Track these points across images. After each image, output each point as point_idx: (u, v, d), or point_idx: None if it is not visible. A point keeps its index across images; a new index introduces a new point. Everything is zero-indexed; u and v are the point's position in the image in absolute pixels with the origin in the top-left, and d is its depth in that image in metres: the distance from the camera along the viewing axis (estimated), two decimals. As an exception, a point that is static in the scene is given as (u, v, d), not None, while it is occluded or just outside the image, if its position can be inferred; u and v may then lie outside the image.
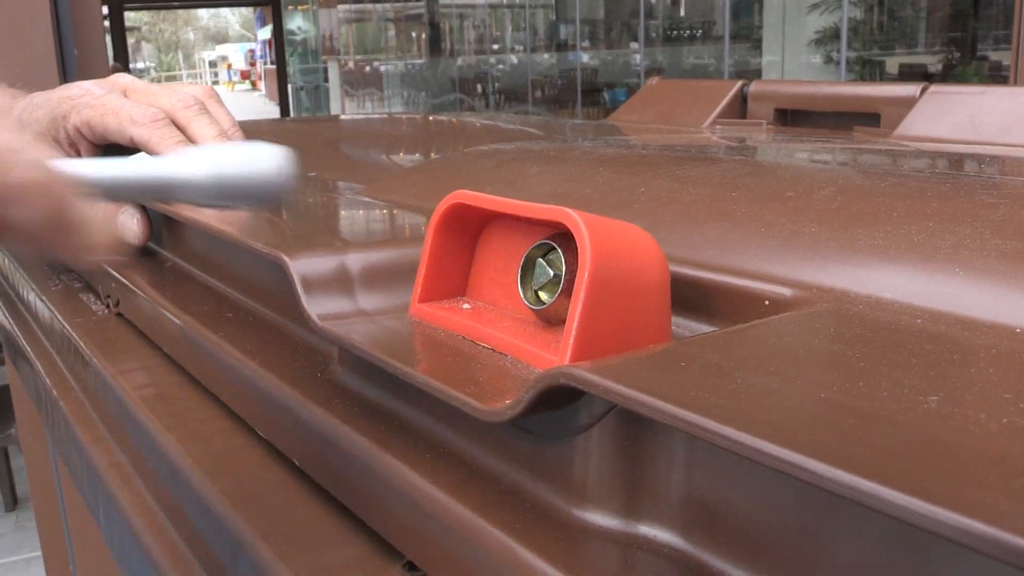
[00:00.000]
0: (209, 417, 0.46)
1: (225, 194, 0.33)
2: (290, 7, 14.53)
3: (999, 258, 0.30)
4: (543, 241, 0.33)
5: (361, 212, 0.55)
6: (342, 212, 0.58)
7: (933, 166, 0.56)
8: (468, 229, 0.37)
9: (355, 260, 0.39)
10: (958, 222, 0.34)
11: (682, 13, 8.84)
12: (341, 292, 0.38)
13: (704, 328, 0.33)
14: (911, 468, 0.18)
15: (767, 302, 0.32)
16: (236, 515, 0.37)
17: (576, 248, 0.29)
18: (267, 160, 0.33)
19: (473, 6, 11.46)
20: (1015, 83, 2.60)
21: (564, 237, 0.32)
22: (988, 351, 0.25)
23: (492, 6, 11.19)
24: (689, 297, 0.34)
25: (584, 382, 0.23)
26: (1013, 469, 0.18)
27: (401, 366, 0.30)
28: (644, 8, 8.57)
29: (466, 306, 0.36)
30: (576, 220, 0.29)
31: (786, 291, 0.31)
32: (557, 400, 0.26)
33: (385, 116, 1.66)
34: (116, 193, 0.33)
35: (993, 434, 0.20)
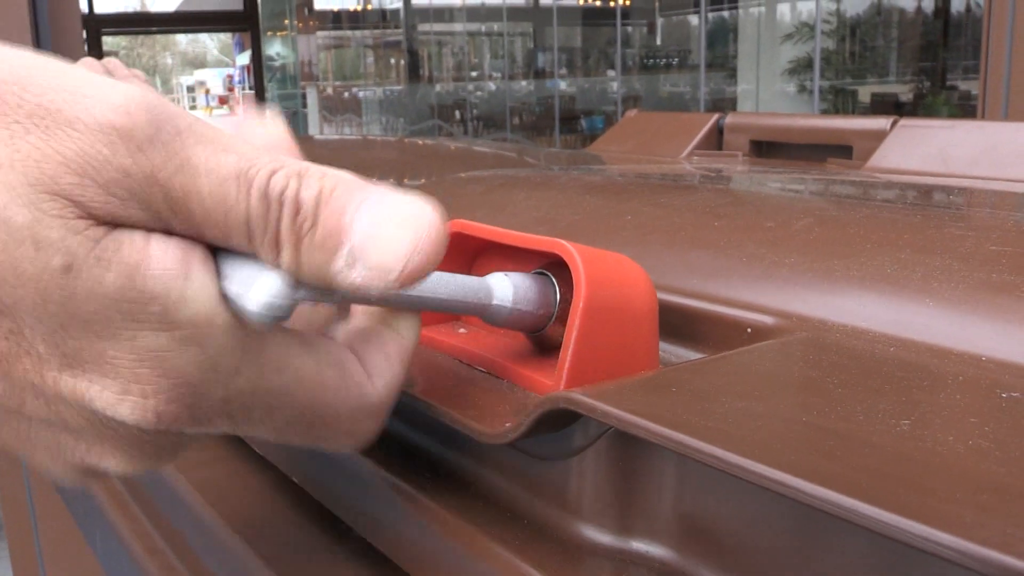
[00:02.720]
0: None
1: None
2: (269, 33, 14.57)
3: (966, 289, 0.32)
4: (538, 270, 0.34)
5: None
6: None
7: (905, 198, 0.58)
8: (465, 255, 0.38)
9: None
10: (928, 253, 0.36)
11: (658, 42, 8.96)
12: (341, 319, 0.39)
13: (689, 353, 0.35)
14: (885, 485, 0.20)
15: (749, 329, 0.33)
16: (235, 535, 0.38)
17: (570, 277, 0.31)
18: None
19: (452, 33, 11.55)
20: (983, 113, 2.66)
21: (558, 266, 0.33)
22: (955, 378, 0.27)
23: (471, 33, 11.28)
24: (675, 324, 0.36)
25: (584, 406, 0.25)
26: (977, 485, 0.20)
27: (404, 390, 0.32)
28: (621, 37, 8.68)
29: (462, 330, 0.38)
30: (572, 252, 0.31)
31: (767, 319, 0.33)
32: (555, 423, 0.27)
33: (362, 139, 1.68)
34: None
35: (960, 454, 0.22)
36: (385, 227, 0.23)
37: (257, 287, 0.23)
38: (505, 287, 0.32)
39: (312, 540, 0.36)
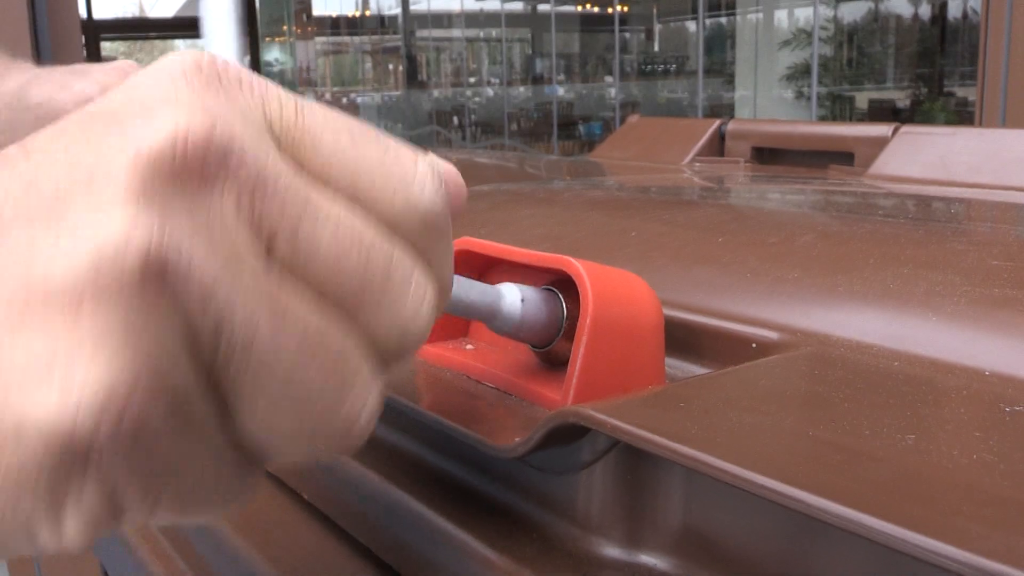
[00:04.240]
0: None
1: None
2: (267, 38, 14.58)
3: (968, 304, 0.32)
4: (545, 287, 0.35)
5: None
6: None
7: (907, 211, 0.59)
8: (472, 272, 0.38)
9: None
10: (931, 268, 0.36)
11: (656, 48, 8.98)
12: (349, 333, 0.39)
13: (695, 368, 0.36)
14: (893, 499, 0.20)
15: (754, 344, 0.34)
16: (247, 549, 0.39)
17: (577, 294, 0.31)
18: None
19: (450, 39, 11.57)
20: (981, 119, 2.67)
21: (565, 283, 0.34)
22: (959, 392, 0.27)
23: (469, 39, 11.30)
24: (681, 339, 0.36)
25: (593, 420, 0.25)
26: (983, 499, 0.20)
27: (414, 405, 0.32)
28: (619, 43, 8.70)
29: (469, 347, 0.38)
30: (579, 269, 0.31)
31: (772, 334, 0.34)
32: (564, 437, 0.28)
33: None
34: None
35: (964, 468, 0.22)
36: None
37: None
38: (515, 294, 0.32)
39: (320, 553, 0.37)
